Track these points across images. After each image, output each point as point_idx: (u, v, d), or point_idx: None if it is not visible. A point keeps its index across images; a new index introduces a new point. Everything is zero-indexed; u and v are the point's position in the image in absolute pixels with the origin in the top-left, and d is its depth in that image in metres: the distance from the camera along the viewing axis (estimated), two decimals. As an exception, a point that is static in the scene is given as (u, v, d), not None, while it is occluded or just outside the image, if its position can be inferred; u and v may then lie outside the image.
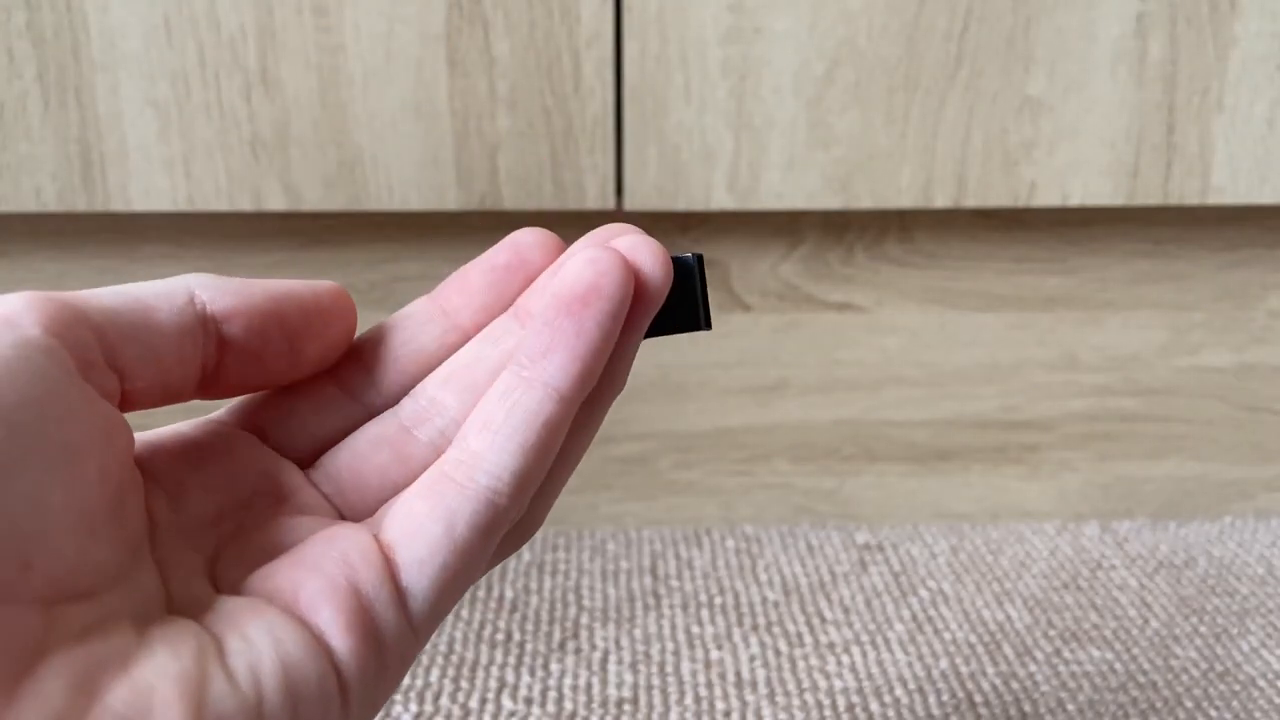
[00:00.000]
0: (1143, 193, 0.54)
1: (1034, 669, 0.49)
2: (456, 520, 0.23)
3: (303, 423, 0.26)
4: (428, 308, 0.26)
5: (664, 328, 0.25)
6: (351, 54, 0.51)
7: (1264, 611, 0.53)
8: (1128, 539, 0.60)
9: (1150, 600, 0.54)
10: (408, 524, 0.23)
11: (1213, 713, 0.46)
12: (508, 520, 0.24)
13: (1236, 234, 0.59)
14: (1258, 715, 0.46)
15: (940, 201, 0.54)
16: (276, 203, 0.52)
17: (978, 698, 0.47)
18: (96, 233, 0.56)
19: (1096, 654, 0.50)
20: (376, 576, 0.22)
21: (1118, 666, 0.49)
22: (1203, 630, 0.52)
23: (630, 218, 0.56)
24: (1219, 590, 0.55)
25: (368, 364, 0.26)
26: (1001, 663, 0.49)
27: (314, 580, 0.22)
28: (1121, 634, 0.51)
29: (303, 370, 0.25)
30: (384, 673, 0.23)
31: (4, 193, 0.52)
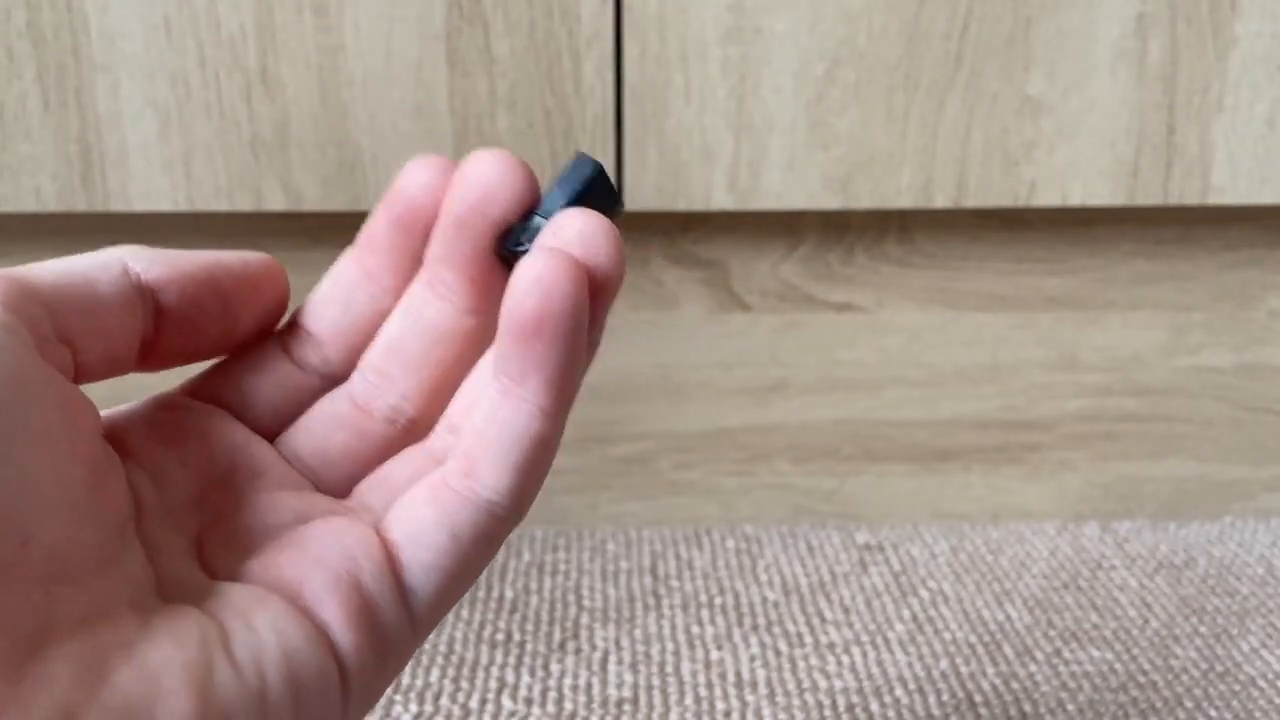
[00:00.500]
0: (1143, 193, 0.54)
1: (1034, 669, 0.49)
2: (461, 529, 0.23)
3: (258, 395, 0.26)
4: (352, 271, 0.27)
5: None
6: (352, 54, 0.51)
7: (1264, 612, 0.53)
8: (1128, 539, 0.60)
9: (1150, 600, 0.54)
10: (412, 527, 0.23)
11: (1213, 713, 0.46)
12: (509, 528, 0.24)
13: (1237, 234, 0.59)
14: (1258, 715, 0.46)
15: (940, 202, 0.54)
16: (276, 203, 0.52)
17: (978, 698, 0.47)
18: (96, 233, 0.56)
19: (1097, 654, 0.50)
20: (380, 574, 0.23)
21: (1118, 667, 0.49)
22: (1203, 630, 0.52)
23: (630, 218, 0.56)
24: (1219, 590, 0.55)
25: (313, 334, 0.26)
26: (1001, 663, 0.49)
27: (318, 574, 0.22)
28: (1122, 634, 0.51)
29: (239, 337, 0.25)
30: (383, 667, 0.23)
31: (4, 193, 0.52)
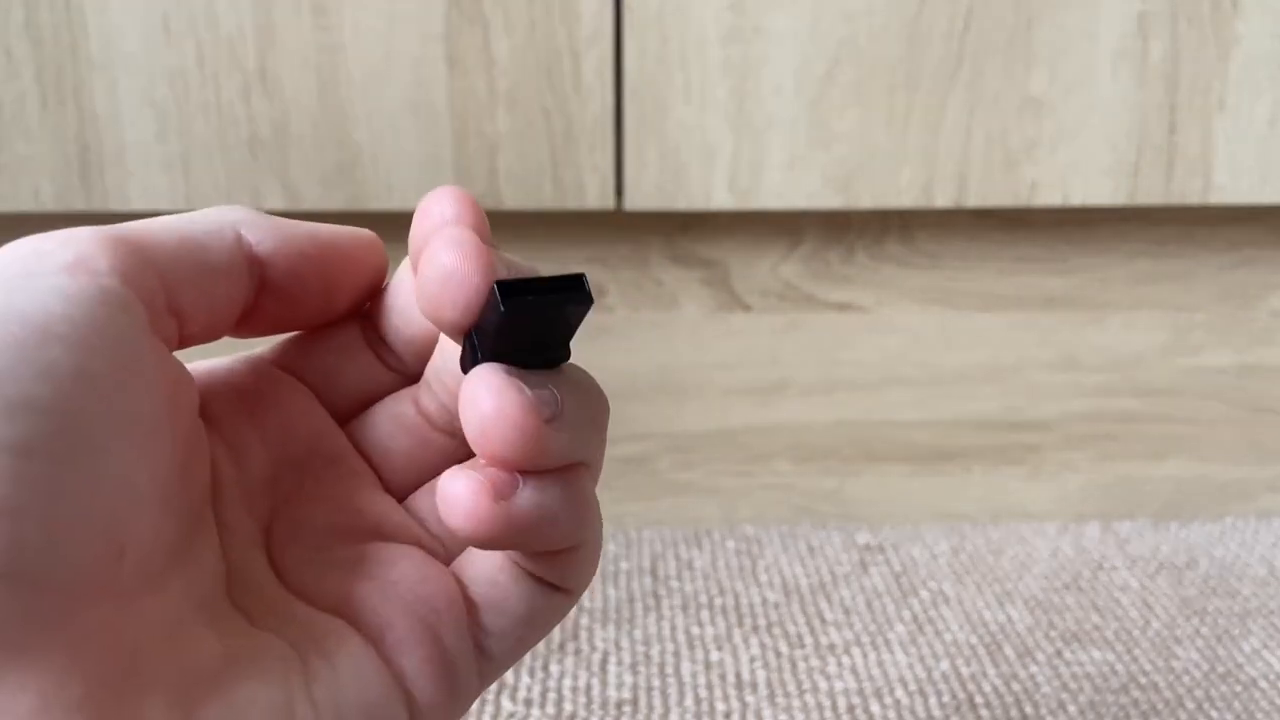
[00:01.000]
0: (1144, 192, 0.54)
1: (1035, 670, 0.49)
2: (536, 611, 0.24)
3: (339, 378, 0.25)
4: (410, 280, 0.26)
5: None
6: (351, 53, 0.51)
7: (1265, 612, 0.53)
8: (1129, 540, 0.60)
9: (1152, 601, 0.54)
10: (493, 593, 0.23)
11: (1214, 714, 0.46)
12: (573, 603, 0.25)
13: (1238, 234, 0.59)
14: (1259, 717, 0.46)
15: (941, 201, 0.54)
16: (275, 202, 0.52)
17: (979, 699, 0.47)
18: (95, 233, 0.56)
19: (1098, 655, 0.50)
20: (460, 625, 0.23)
21: (1119, 668, 0.49)
22: (1204, 631, 0.52)
23: (630, 218, 0.56)
24: (1220, 591, 0.55)
25: (387, 327, 0.25)
26: (1003, 664, 0.49)
27: (403, 621, 0.22)
28: (1123, 635, 0.51)
29: (334, 315, 0.25)
30: (452, 713, 0.23)
31: (2, 193, 0.52)
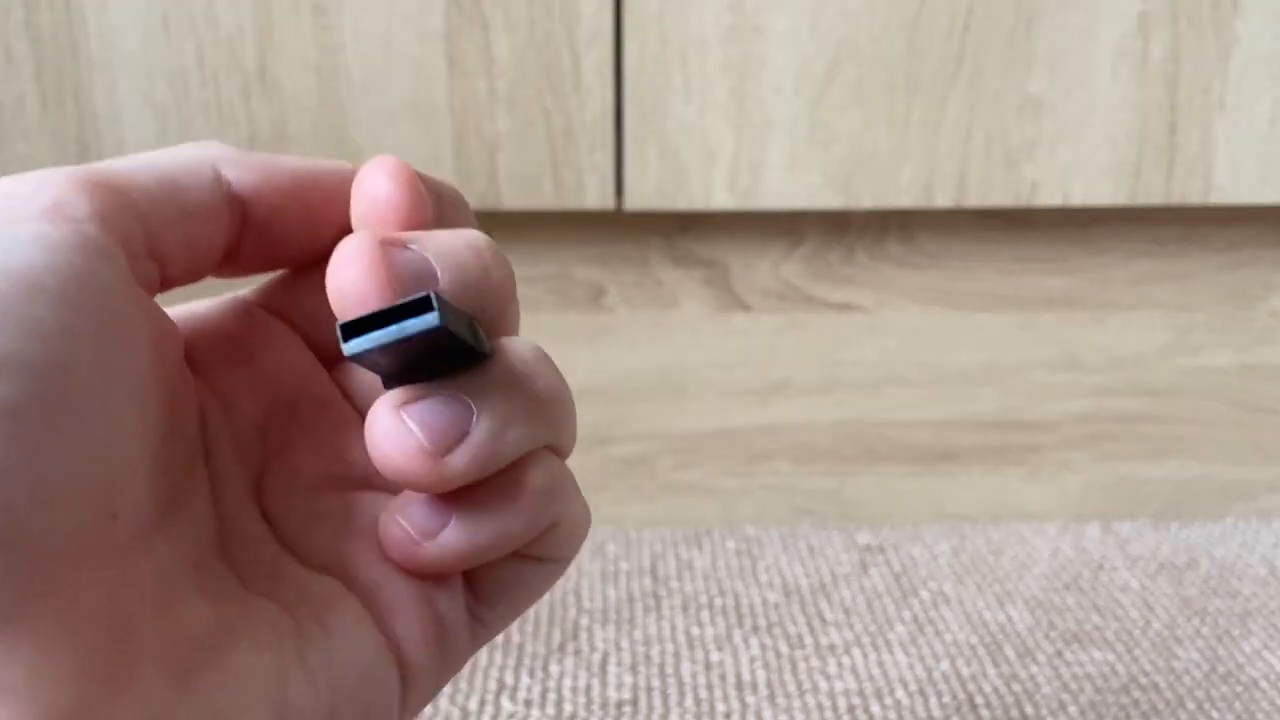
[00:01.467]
0: (1144, 193, 0.54)
1: (1035, 670, 0.48)
2: (526, 579, 0.23)
3: (322, 316, 0.24)
4: None
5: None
6: (350, 54, 0.51)
7: (1266, 613, 0.53)
8: (1129, 540, 0.60)
9: (1152, 601, 0.54)
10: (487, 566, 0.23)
11: (1215, 714, 0.46)
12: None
13: (1238, 234, 0.59)
14: (1260, 717, 0.46)
15: (941, 201, 0.54)
16: (275, 203, 0.52)
17: (979, 699, 0.46)
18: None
19: (1098, 655, 0.50)
20: (455, 594, 0.22)
21: (1120, 668, 0.49)
22: (1205, 632, 0.52)
23: (630, 218, 0.56)
24: (1221, 591, 0.55)
25: None
26: (1003, 664, 0.49)
27: (395, 582, 0.22)
28: (1123, 635, 0.51)
29: (318, 252, 0.23)
30: (444, 675, 0.23)
31: (2, 193, 0.52)
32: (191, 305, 0.23)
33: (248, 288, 0.25)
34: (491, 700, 0.46)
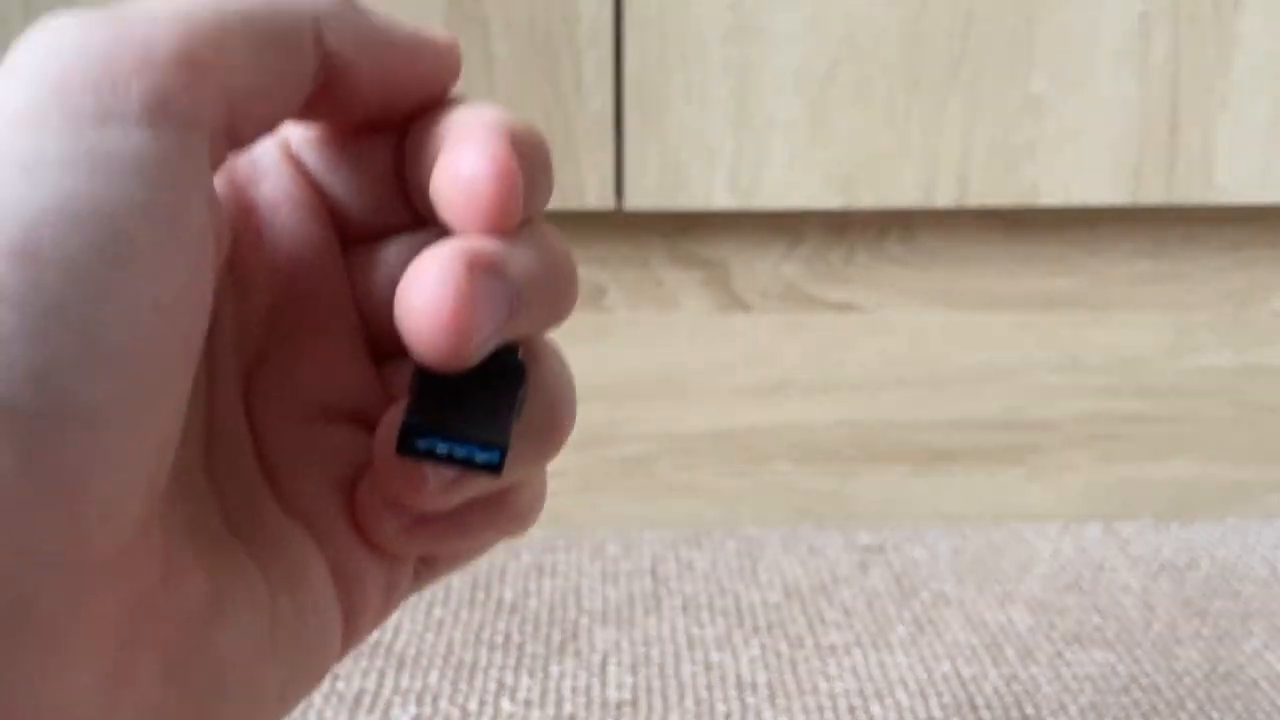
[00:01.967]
0: (1146, 192, 0.54)
1: (1036, 671, 0.48)
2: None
3: (358, 198, 0.23)
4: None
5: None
6: (350, 53, 0.51)
7: (1268, 613, 0.53)
8: (1130, 540, 0.60)
9: (1153, 602, 0.54)
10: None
11: (1216, 715, 0.46)
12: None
13: (1240, 234, 0.59)
14: (1261, 718, 0.45)
15: (942, 201, 0.54)
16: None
17: (979, 700, 0.46)
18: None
19: (1099, 656, 0.50)
20: (409, 564, 0.23)
21: (1120, 669, 0.49)
22: (1206, 632, 0.51)
23: (630, 217, 0.56)
24: (1222, 592, 0.55)
25: (419, 168, 0.22)
26: (1003, 665, 0.49)
27: (362, 553, 0.21)
28: (1124, 636, 0.51)
29: (386, 123, 0.22)
30: (379, 624, 0.23)
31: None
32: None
33: (291, 126, 0.23)
34: (491, 701, 0.46)
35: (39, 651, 0.15)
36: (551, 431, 0.21)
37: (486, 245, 0.19)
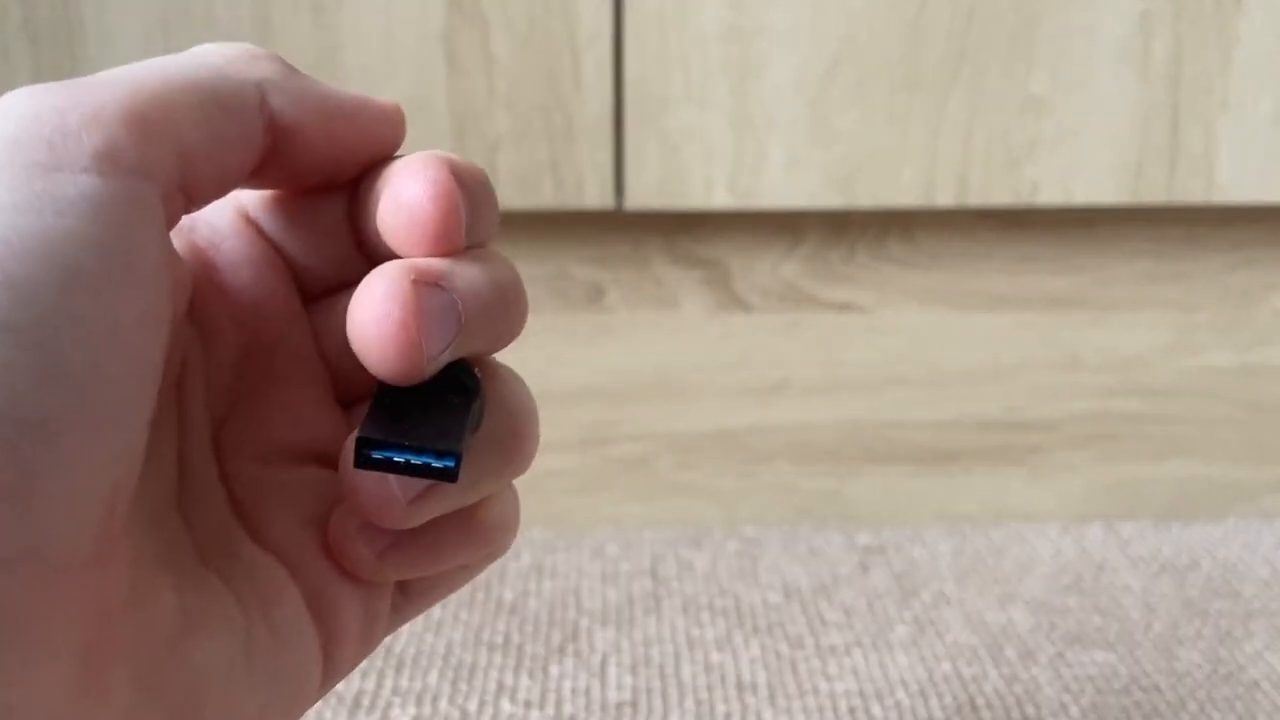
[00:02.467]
0: (1146, 192, 0.54)
1: (1037, 672, 0.48)
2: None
3: (316, 254, 0.23)
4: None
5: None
6: (349, 52, 0.51)
7: (1268, 614, 0.53)
8: (1131, 541, 0.60)
9: (1154, 602, 0.54)
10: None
11: (1216, 715, 0.46)
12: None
13: (1241, 234, 0.59)
14: (1261, 718, 0.45)
15: (942, 201, 0.54)
16: (274, 202, 0.52)
17: (980, 700, 0.46)
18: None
19: (1100, 656, 0.50)
20: (386, 594, 0.23)
21: (1121, 669, 0.49)
22: (1206, 633, 0.51)
23: (630, 217, 0.56)
24: (1223, 592, 0.55)
25: (370, 216, 0.23)
26: (1004, 665, 0.49)
27: (337, 583, 0.22)
28: (1125, 636, 0.51)
29: (336, 182, 0.23)
30: (363, 654, 0.23)
31: (0, 192, 0.52)
32: (191, 216, 0.23)
33: (248, 193, 0.24)
34: (491, 701, 0.46)
35: (1, 648, 0.15)
36: (514, 443, 0.22)
37: (432, 262, 0.20)
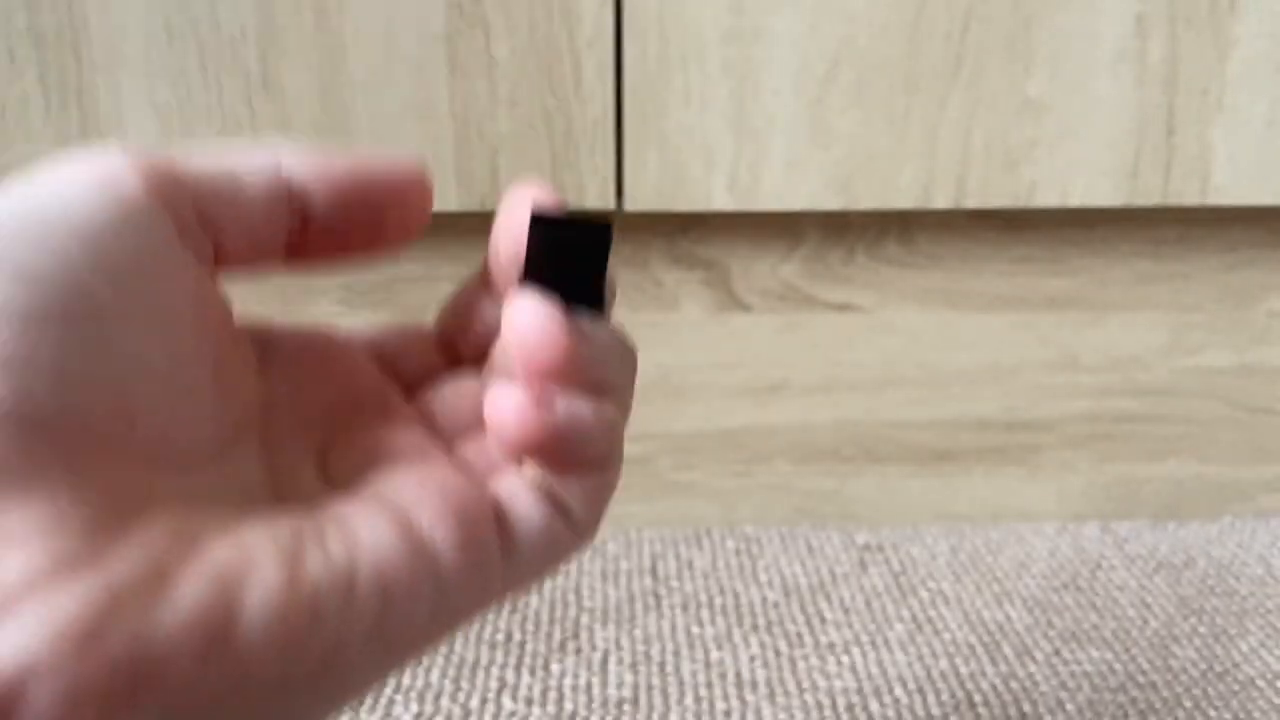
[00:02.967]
0: (1143, 193, 0.54)
1: (1033, 669, 0.49)
2: (552, 537, 0.24)
3: (405, 363, 0.27)
4: (477, 280, 0.28)
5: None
6: (352, 56, 0.51)
7: (1263, 612, 0.53)
8: (1127, 539, 0.60)
9: (1150, 601, 0.54)
10: (517, 507, 0.24)
11: (1211, 713, 0.46)
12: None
13: (1237, 235, 0.59)
14: (1256, 715, 0.46)
15: (941, 202, 0.54)
16: (277, 204, 0.52)
17: (977, 698, 0.47)
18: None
19: (1096, 654, 0.50)
20: (489, 523, 0.23)
21: (1117, 667, 0.49)
22: (1202, 630, 0.52)
23: (630, 219, 0.56)
24: (1218, 591, 0.55)
25: (463, 326, 0.27)
26: (1001, 663, 0.49)
27: (432, 501, 0.22)
28: (1121, 634, 0.51)
29: (384, 244, 0.25)
30: (481, 600, 0.23)
31: (5, 194, 0.52)
32: (286, 322, 0.26)
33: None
34: (493, 698, 0.47)
35: None
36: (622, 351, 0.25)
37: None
